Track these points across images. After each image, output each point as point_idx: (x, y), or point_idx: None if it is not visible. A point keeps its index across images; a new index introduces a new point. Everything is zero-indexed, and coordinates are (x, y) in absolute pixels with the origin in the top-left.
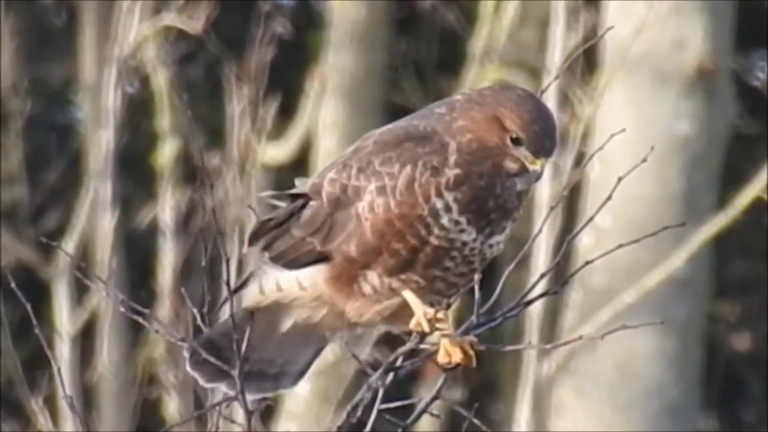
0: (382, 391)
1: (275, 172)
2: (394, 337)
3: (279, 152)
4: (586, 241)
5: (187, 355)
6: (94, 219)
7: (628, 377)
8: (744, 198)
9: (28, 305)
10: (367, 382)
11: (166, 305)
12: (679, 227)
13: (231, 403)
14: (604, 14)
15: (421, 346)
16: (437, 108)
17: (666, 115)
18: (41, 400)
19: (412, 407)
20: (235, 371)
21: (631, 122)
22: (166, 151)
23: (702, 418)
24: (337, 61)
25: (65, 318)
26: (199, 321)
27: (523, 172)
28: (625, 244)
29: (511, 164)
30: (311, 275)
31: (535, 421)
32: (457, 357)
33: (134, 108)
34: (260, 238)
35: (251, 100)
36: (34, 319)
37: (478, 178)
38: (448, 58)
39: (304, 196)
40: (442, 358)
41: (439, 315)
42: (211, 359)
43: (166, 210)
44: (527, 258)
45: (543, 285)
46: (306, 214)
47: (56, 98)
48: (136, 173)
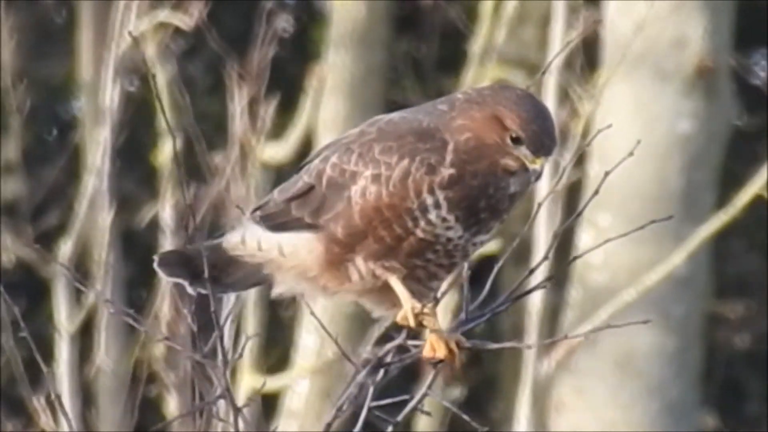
0: (372, 388)
1: (275, 171)
2: (391, 336)
3: (279, 150)
4: (586, 240)
5: (156, 258)
6: (93, 216)
7: (629, 375)
8: (744, 196)
9: (15, 308)
10: (355, 378)
11: (165, 303)
12: (678, 225)
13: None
14: (604, 13)
15: (411, 343)
16: (440, 105)
17: (666, 113)
18: (43, 398)
19: (407, 404)
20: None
21: (631, 120)
22: (166, 149)
23: (702, 416)
24: (338, 60)
25: (64, 316)
26: (197, 321)
27: (522, 171)
28: (614, 238)
29: (510, 163)
30: (293, 243)
31: (535, 420)
32: (441, 353)
33: (134, 105)
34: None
35: (253, 97)
36: (21, 322)
37: (472, 177)
38: (448, 57)
39: (311, 186)
40: (427, 353)
41: (426, 310)
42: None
43: (166, 208)
44: (526, 256)
45: (538, 281)
46: (306, 194)
47: (56, 95)
48: (137, 171)
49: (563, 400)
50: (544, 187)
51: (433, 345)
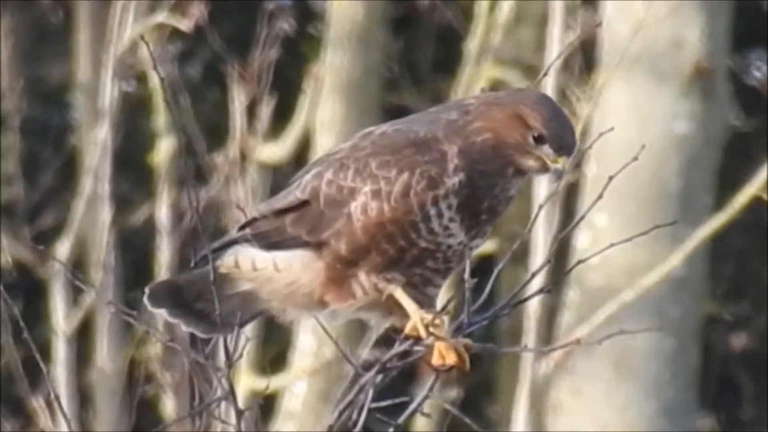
0: (373, 391)
1: (272, 171)
2: (392, 337)
3: (276, 151)
4: (583, 241)
5: (147, 291)
6: (91, 217)
7: (626, 377)
8: (741, 197)
9: (14, 307)
10: (359, 382)
11: None
12: (677, 226)
13: (224, 401)
14: (601, 13)
15: (415, 348)
16: (443, 113)
17: (663, 114)
18: (42, 398)
19: (406, 406)
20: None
21: (629, 121)
22: (162, 150)
23: (699, 418)
24: (335, 60)
25: (61, 317)
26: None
27: (542, 171)
28: (617, 243)
29: (531, 163)
30: (289, 260)
31: (532, 421)
32: (451, 360)
33: (131, 106)
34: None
35: (254, 99)
36: (22, 321)
37: (480, 177)
38: (445, 58)
39: (305, 202)
40: (436, 361)
41: (436, 321)
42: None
43: (162, 209)
44: (525, 258)
45: (538, 284)
46: (300, 210)
47: (53, 97)
48: (133, 172)
49: (561, 401)
50: (543, 189)
51: (441, 352)
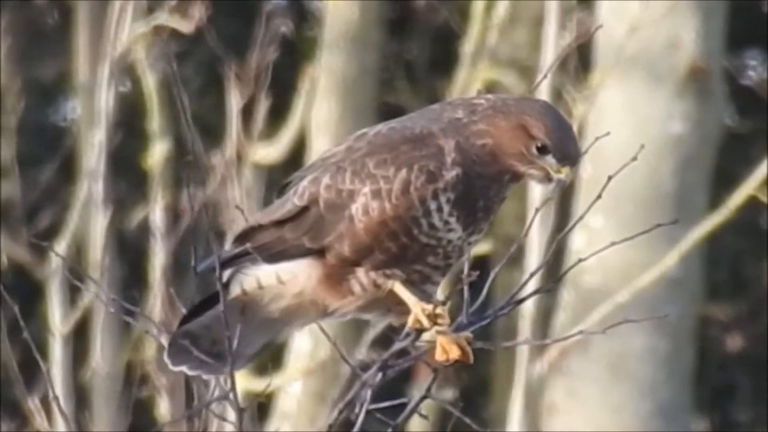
0: (371, 391)
1: (267, 172)
2: (389, 337)
3: (271, 151)
4: (579, 241)
5: (165, 344)
6: (88, 218)
7: (621, 377)
8: (737, 198)
9: (12, 307)
10: (361, 380)
11: (157, 305)
12: (672, 227)
13: (222, 402)
14: (597, 14)
15: (416, 344)
16: (448, 111)
17: (659, 114)
18: (38, 399)
19: (403, 407)
20: (226, 369)
21: (624, 122)
22: (157, 152)
23: (694, 419)
24: (330, 61)
25: (58, 317)
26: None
27: (546, 181)
28: (617, 242)
29: (534, 172)
30: (292, 270)
31: (527, 421)
32: (455, 354)
33: (127, 108)
34: (246, 241)
35: (250, 100)
36: (21, 321)
37: (477, 177)
38: (440, 58)
39: (305, 209)
40: (440, 356)
41: (438, 310)
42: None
43: (156, 211)
44: (521, 259)
45: (535, 284)
46: (299, 217)
47: (49, 97)
48: (129, 173)
49: (555, 402)
50: (538, 190)
51: (444, 347)
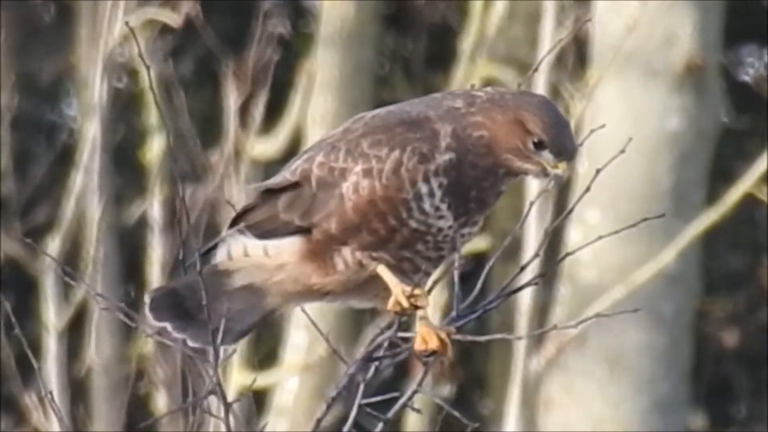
0: (363, 386)
1: (264, 167)
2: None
3: (268, 147)
4: (575, 237)
5: (147, 300)
6: (82, 213)
7: (618, 373)
8: (734, 194)
9: (6, 304)
10: (347, 372)
11: None
12: (668, 223)
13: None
14: (593, 10)
15: (402, 335)
16: (448, 99)
17: (655, 110)
18: (34, 395)
19: (396, 401)
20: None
21: (621, 118)
22: (155, 147)
23: (691, 414)
24: (327, 57)
25: (52, 313)
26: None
27: (542, 176)
28: (605, 236)
29: (530, 167)
30: (279, 245)
31: (524, 417)
32: (434, 344)
33: (124, 103)
34: (241, 221)
35: (247, 96)
36: (13, 318)
37: (470, 167)
38: (437, 54)
39: (296, 184)
40: (419, 345)
41: (417, 291)
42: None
43: (154, 205)
44: (517, 255)
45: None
46: (292, 196)
47: (45, 93)
48: (125, 168)
49: (552, 397)
50: (534, 185)
51: (424, 337)
